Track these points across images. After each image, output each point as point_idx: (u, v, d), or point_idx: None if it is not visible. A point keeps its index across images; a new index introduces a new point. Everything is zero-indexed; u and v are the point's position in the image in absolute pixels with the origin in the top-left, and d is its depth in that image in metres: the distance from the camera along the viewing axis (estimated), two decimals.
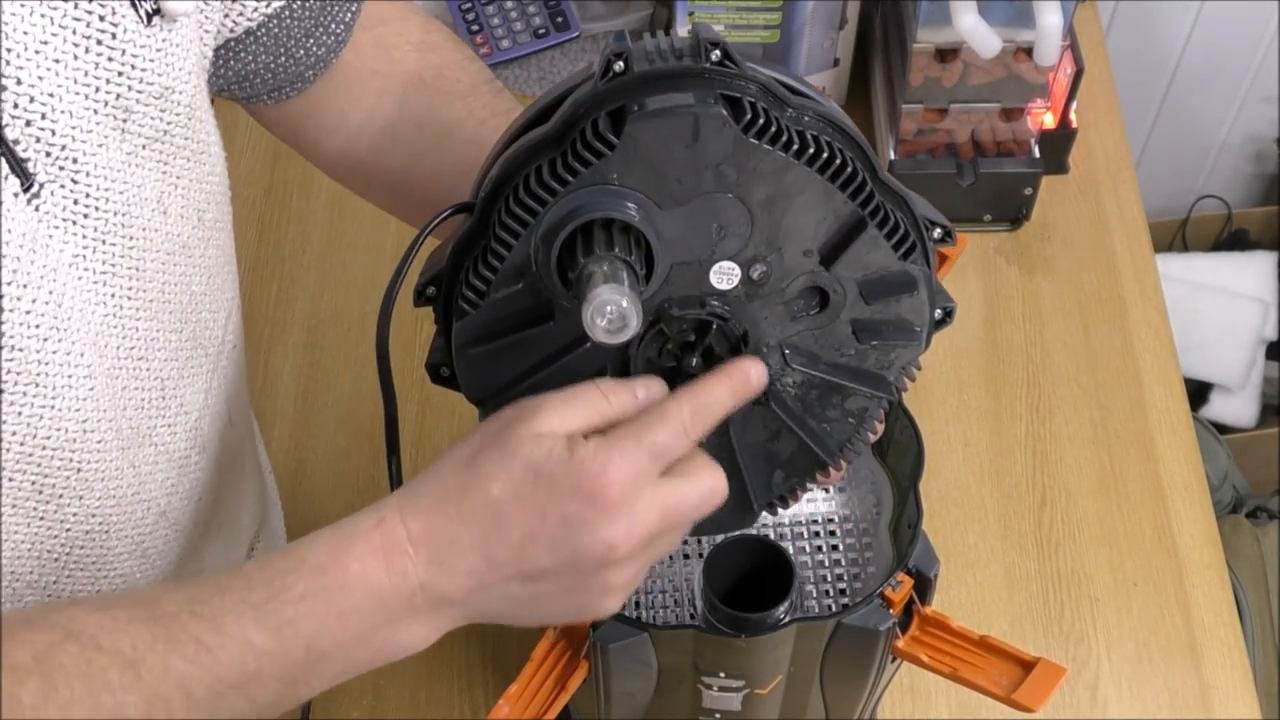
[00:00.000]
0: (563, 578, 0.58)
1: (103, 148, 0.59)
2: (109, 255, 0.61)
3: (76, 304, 0.60)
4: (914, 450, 0.76)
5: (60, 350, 0.59)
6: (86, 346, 0.61)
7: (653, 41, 0.59)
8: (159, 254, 0.64)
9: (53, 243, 0.58)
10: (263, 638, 0.56)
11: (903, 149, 1.21)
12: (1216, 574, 1.06)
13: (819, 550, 0.78)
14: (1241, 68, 1.82)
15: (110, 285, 0.61)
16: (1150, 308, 1.20)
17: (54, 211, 0.57)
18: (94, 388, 0.62)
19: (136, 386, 0.65)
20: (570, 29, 1.35)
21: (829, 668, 0.74)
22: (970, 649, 0.71)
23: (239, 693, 0.56)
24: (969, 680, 0.70)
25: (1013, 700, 0.69)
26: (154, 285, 0.64)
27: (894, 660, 0.75)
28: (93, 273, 0.60)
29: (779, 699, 0.76)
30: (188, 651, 0.55)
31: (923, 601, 0.72)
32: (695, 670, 0.73)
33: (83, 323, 0.60)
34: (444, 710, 1.01)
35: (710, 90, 0.57)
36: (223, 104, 1.36)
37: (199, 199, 0.67)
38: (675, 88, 0.56)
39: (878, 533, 0.78)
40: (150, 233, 0.63)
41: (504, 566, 0.58)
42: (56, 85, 0.56)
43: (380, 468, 1.13)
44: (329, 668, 0.58)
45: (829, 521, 0.79)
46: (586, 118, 0.57)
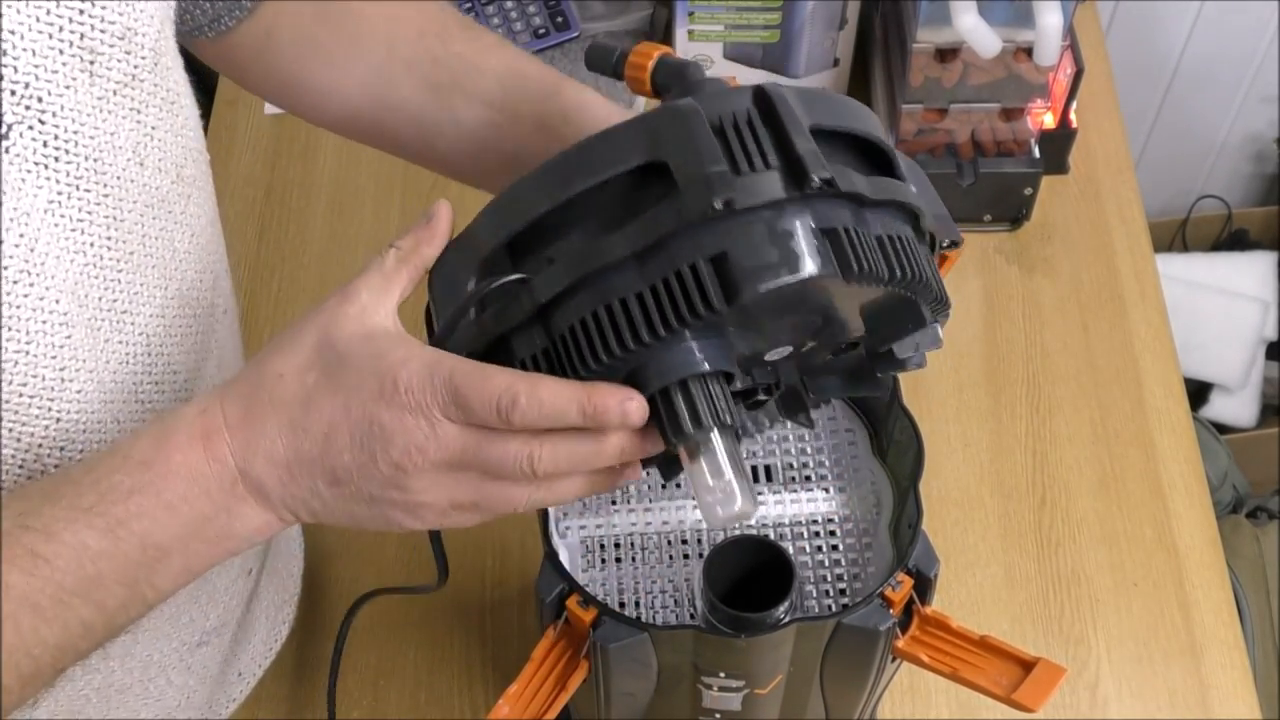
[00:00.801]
0: (364, 482, 0.57)
1: (70, 89, 0.59)
2: (84, 202, 0.61)
3: (52, 250, 0.59)
4: (914, 450, 0.76)
5: (33, 295, 0.59)
6: (63, 294, 0.60)
7: (727, 111, 0.55)
8: (137, 205, 0.64)
9: (25, 186, 0.58)
10: (96, 539, 0.56)
11: (903, 149, 1.21)
12: (1216, 574, 1.06)
13: (819, 550, 0.78)
14: (1241, 68, 1.82)
15: (88, 234, 0.61)
16: (1150, 308, 1.20)
17: (24, 154, 0.57)
18: (70, 336, 0.61)
19: (120, 341, 0.65)
20: (570, 29, 1.35)
21: (829, 668, 0.74)
22: (970, 649, 0.71)
23: (84, 600, 0.56)
24: (969, 680, 0.70)
25: (1013, 700, 0.69)
26: (134, 237, 0.64)
27: (894, 660, 0.75)
28: (69, 220, 0.60)
29: (779, 699, 0.76)
30: (25, 565, 0.55)
31: (923, 601, 0.72)
32: (695, 670, 0.73)
33: (59, 270, 0.60)
34: (444, 710, 1.01)
35: (825, 254, 0.54)
36: (222, 106, 1.37)
37: (176, 153, 0.67)
38: (782, 239, 0.54)
39: (878, 533, 0.79)
40: (127, 183, 0.63)
41: (310, 463, 0.57)
42: (17, 23, 0.56)
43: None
44: (170, 565, 0.58)
45: (829, 521, 0.79)
46: (682, 258, 0.54)
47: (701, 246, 0.54)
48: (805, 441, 0.82)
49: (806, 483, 0.81)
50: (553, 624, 0.71)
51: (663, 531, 0.79)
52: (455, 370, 0.56)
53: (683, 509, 0.80)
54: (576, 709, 0.84)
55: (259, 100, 1.35)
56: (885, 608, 0.70)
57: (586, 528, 0.79)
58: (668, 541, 0.79)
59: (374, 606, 1.04)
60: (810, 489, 0.80)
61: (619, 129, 0.57)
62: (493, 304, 0.59)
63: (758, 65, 1.30)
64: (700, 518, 0.77)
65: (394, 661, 1.03)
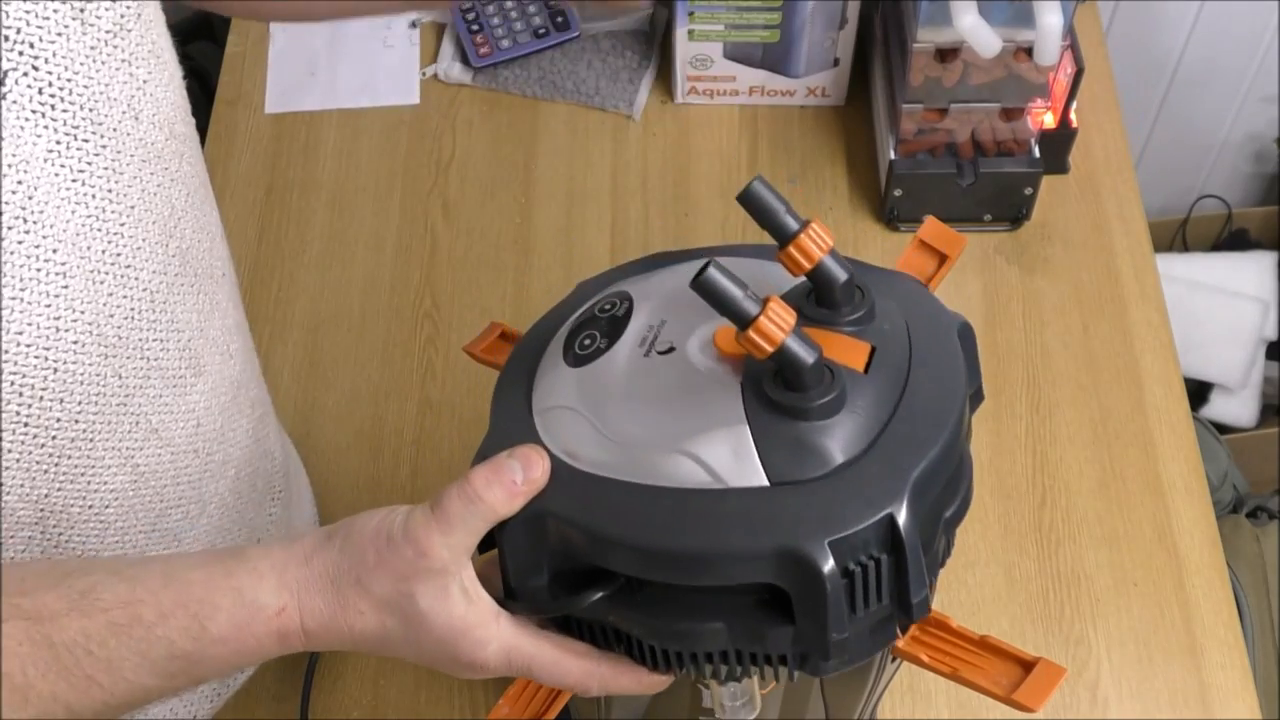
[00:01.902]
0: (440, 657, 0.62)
1: (62, 37, 0.60)
2: (83, 153, 0.62)
3: (52, 200, 0.61)
4: None
5: (29, 241, 0.60)
6: (62, 244, 0.62)
7: (856, 549, 0.57)
8: (134, 159, 0.65)
9: (24, 134, 0.59)
10: (157, 683, 0.60)
11: (903, 149, 1.21)
12: (1216, 574, 1.06)
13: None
14: (1241, 68, 1.82)
15: (88, 185, 0.63)
16: (1150, 307, 1.20)
17: (20, 101, 0.59)
18: (68, 287, 0.63)
19: (124, 295, 0.67)
20: (570, 29, 1.35)
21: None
22: (971, 649, 0.71)
23: (126, 707, 0.60)
24: (969, 680, 0.70)
25: (1013, 700, 0.69)
26: (133, 191, 0.66)
27: (894, 660, 0.75)
28: (69, 170, 0.61)
29: (779, 699, 0.76)
30: (78, 685, 0.58)
31: None
32: None
33: (59, 219, 0.61)
34: (444, 710, 1.01)
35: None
36: (222, 106, 1.36)
37: (166, 109, 0.68)
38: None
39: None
40: (123, 136, 0.64)
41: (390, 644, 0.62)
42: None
43: (379, 466, 1.13)
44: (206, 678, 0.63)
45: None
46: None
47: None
48: None
49: None
50: None
51: None
52: (534, 662, 0.62)
53: None
54: (576, 709, 0.84)
55: (259, 100, 1.35)
56: None
57: None
58: None
59: None
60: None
61: (750, 545, 0.57)
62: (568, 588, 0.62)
63: (758, 65, 1.30)
64: None
65: (394, 661, 1.02)
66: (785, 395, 0.58)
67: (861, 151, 1.29)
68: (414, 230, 1.26)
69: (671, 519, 0.57)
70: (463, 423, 1.14)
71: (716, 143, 1.31)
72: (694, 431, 0.58)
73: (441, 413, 1.15)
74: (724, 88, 1.33)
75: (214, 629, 0.59)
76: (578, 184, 1.29)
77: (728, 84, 1.32)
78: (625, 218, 1.26)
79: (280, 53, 1.38)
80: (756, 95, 1.33)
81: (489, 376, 0.77)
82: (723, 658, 0.60)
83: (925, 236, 0.85)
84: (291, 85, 1.36)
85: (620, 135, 1.32)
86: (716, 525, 0.57)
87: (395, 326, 1.20)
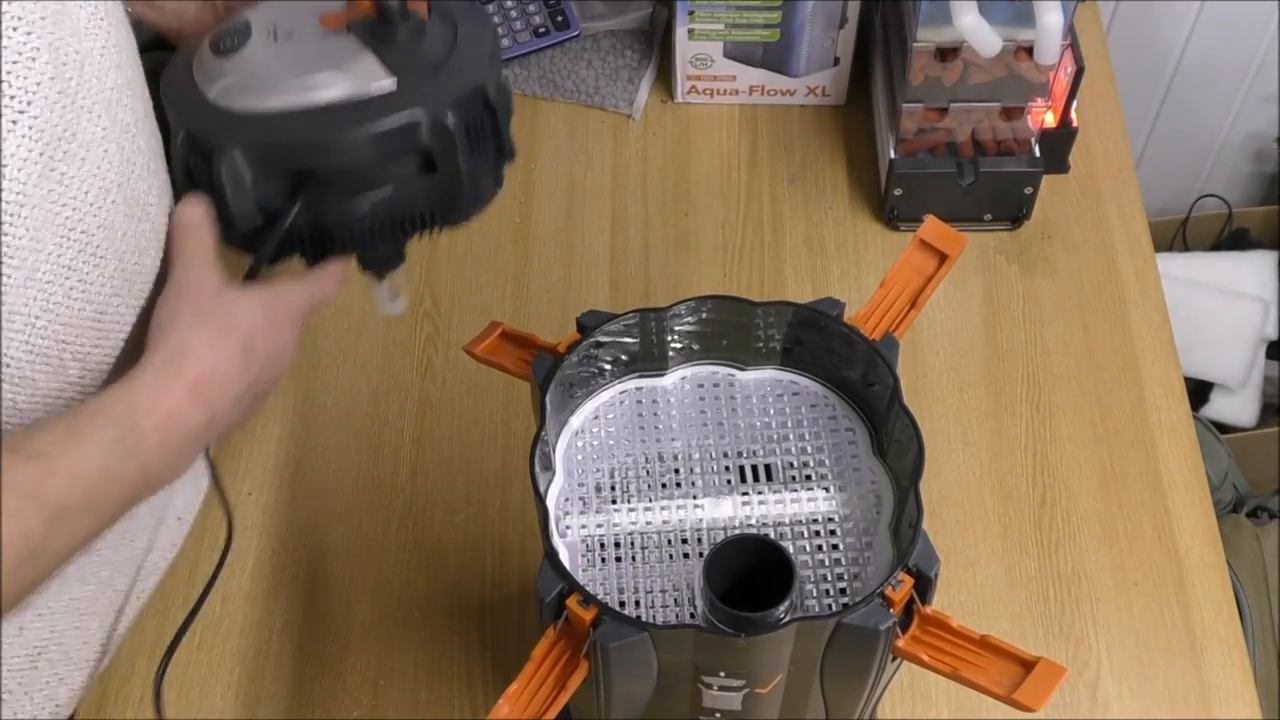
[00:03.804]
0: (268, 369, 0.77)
1: None
2: (104, 27, 0.70)
3: (94, 70, 0.69)
4: (914, 449, 0.76)
5: (86, 105, 0.69)
6: (103, 110, 0.71)
7: None
8: (128, 39, 0.75)
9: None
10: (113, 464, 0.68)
11: (903, 148, 1.21)
12: (1217, 573, 1.06)
13: (819, 550, 0.78)
14: (1241, 67, 1.82)
15: (110, 57, 0.71)
16: (1150, 307, 1.20)
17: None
18: (108, 151, 0.72)
19: (134, 160, 0.75)
20: (570, 28, 1.35)
21: (829, 667, 0.74)
22: (971, 649, 0.71)
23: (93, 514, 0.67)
24: (970, 680, 0.70)
25: (1013, 700, 0.69)
26: (130, 65, 0.75)
27: (894, 660, 0.75)
28: (100, 41, 0.70)
29: (779, 698, 0.76)
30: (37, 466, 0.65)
31: (923, 601, 0.72)
32: (695, 670, 0.73)
33: (100, 87, 0.70)
34: (444, 710, 1.01)
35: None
36: None
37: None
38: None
39: (878, 532, 0.78)
40: (122, 17, 0.74)
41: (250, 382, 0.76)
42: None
43: (380, 466, 1.13)
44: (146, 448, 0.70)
45: (829, 521, 0.79)
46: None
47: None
48: (805, 441, 0.82)
49: (807, 482, 0.81)
50: (552, 623, 0.71)
51: (663, 531, 0.79)
52: (282, 294, 0.80)
53: (684, 508, 0.80)
54: (576, 709, 0.84)
55: None
56: (885, 607, 0.70)
57: (587, 527, 0.79)
58: (668, 541, 0.79)
59: (375, 607, 1.04)
60: (810, 488, 0.80)
61: (404, 120, 0.78)
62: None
63: (758, 64, 1.30)
64: (700, 516, 0.79)
65: (394, 661, 1.02)
66: (384, 29, 0.79)
67: (861, 151, 1.29)
68: None
69: (343, 119, 0.76)
70: (462, 422, 1.14)
71: (716, 142, 1.31)
72: (335, 65, 0.78)
73: (441, 412, 1.15)
74: (724, 87, 1.33)
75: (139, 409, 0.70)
76: (577, 183, 1.29)
77: (728, 83, 1.32)
78: (625, 217, 1.26)
79: None
80: (756, 95, 1.33)
81: (489, 376, 0.77)
82: (387, 230, 0.81)
83: (925, 236, 0.85)
84: None
85: (620, 134, 1.32)
86: (375, 114, 0.76)
87: (395, 326, 1.20)
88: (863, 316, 0.83)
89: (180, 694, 1.01)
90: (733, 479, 0.81)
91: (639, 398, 0.84)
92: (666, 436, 0.83)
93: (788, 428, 0.83)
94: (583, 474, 0.81)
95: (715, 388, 0.85)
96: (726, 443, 0.82)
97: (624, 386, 0.85)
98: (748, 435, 0.82)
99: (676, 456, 0.82)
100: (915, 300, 0.84)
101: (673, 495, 0.80)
